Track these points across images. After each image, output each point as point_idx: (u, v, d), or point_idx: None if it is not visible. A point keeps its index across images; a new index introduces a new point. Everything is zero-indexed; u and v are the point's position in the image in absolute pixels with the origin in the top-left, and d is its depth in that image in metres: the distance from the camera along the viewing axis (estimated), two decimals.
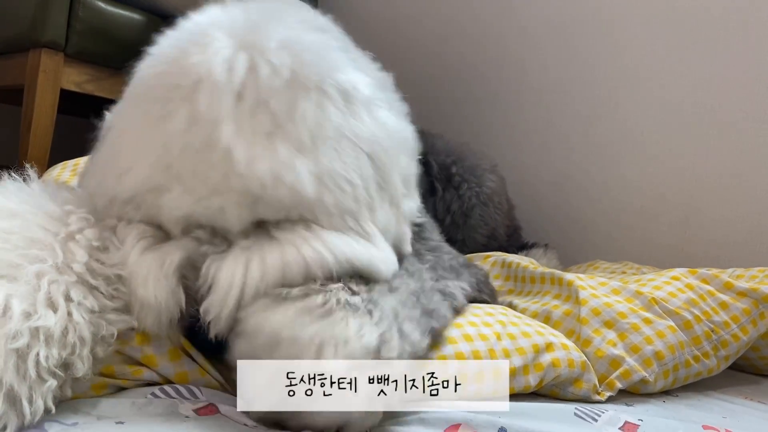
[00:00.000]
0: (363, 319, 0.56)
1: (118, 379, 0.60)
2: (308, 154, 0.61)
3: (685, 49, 1.56)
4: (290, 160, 0.60)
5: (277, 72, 0.62)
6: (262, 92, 0.61)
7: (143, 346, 0.62)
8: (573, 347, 0.81)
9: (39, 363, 0.49)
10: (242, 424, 0.56)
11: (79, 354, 0.53)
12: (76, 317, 0.54)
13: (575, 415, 0.71)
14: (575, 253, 1.65)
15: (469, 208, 1.40)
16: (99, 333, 0.56)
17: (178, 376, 0.62)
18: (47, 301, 0.53)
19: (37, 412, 0.49)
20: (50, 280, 0.54)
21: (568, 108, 1.78)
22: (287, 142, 0.60)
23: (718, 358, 0.89)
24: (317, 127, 0.62)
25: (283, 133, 0.61)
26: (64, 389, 0.53)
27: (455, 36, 2.04)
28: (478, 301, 0.86)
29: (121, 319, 0.59)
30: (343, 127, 0.64)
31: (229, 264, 0.59)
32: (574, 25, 1.77)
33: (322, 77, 0.65)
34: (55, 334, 0.51)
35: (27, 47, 1.46)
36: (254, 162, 0.59)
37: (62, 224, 0.62)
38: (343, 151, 0.64)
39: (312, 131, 0.62)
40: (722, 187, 1.49)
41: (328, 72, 0.66)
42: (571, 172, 1.76)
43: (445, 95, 2.03)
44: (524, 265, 1.10)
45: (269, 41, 0.64)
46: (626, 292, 0.93)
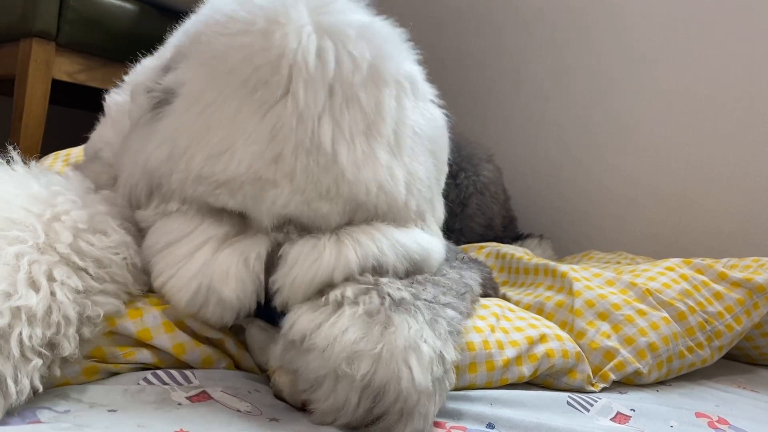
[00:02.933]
0: (417, 317, 0.57)
1: (109, 363, 0.59)
2: (399, 157, 0.61)
3: (680, 40, 1.56)
4: (389, 165, 0.60)
5: (358, 65, 0.61)
6: (350, 86, 0.60)
7: (135, 321, 0.61)
8: (567, 338, 0.81)
9: (23, 342, 0.49)
10: (235, 410, 0.55)
11: (65, 333, 0.53)
12: (60, 297, 0.54)
13: (568, 404, 0.71)
14: (570, 244, 1.66)
15: (467, 197, 1.40)
16: (85, 313, 0.56)
17: (175, 348, 0.62)
18: (28, 280, 0.52)
19: (24, 391, 0.48)
20: (31, 260, 0.54)
21: (563, 99, 1.78)
22: (382, 143, 0.60)
23: (711, 349, 0.90)
24: (399, 124, 0.62)
25: (377, 133, 0.60)
26: (53, 369, 0.53)
27: (451, 25, 2.03)
28: (483, 296, 0.86)
29: (108, 302, 0.59)
30: (417, 123, 0.64)
31: (301, 246, 0.58)
32: (570, 16, 1.77)
33: (398, 69, 0.64)
34: (38, 313, 0.51)
35: (18, 37, 1.45)
36: (360, 168, 0.58)
37: (48, 205, 0.61)
38: (417, 150, 0.64)
39: (396, 129, 0.61)
40: (716, 177, 1.49)
41: (400, 63, 0.65)
42: (566, 163, 1.76)
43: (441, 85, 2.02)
44: (518, 256, 1.10)
45: (348, 28, 0.62)
46: (620, 284, 0.93)
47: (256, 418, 0.55)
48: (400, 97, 0.63)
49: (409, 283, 0.62)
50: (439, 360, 0.55)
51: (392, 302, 0.57)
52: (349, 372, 0.52)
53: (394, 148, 0.61)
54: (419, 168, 0.64)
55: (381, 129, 0.61)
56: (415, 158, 0.63)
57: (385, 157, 0.60)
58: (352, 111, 0.60)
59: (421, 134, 0.65)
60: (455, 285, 0.69)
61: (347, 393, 0.52)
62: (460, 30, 2.01)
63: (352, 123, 0.59)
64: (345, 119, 0.59)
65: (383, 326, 0.55)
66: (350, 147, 0.59)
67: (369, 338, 0.53)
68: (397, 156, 0.61)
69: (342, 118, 0.59)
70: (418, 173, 0.63)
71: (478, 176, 1.43)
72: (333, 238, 0.60)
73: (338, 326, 0.54)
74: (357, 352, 0.53)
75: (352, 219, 0.61)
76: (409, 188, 0.62)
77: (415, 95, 0.66)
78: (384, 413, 0.53)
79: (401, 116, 0.63)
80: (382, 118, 0.61)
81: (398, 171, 0.61)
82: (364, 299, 0.57)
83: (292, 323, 0.56)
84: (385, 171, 0.60)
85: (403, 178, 0.61)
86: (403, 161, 0.62)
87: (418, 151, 0.64)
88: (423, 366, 0.53)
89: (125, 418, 0.51)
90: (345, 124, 0.59)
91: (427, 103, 0.70)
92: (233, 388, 0.59)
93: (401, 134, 0.62)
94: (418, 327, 0.56)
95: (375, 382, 0.52)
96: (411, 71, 0.67)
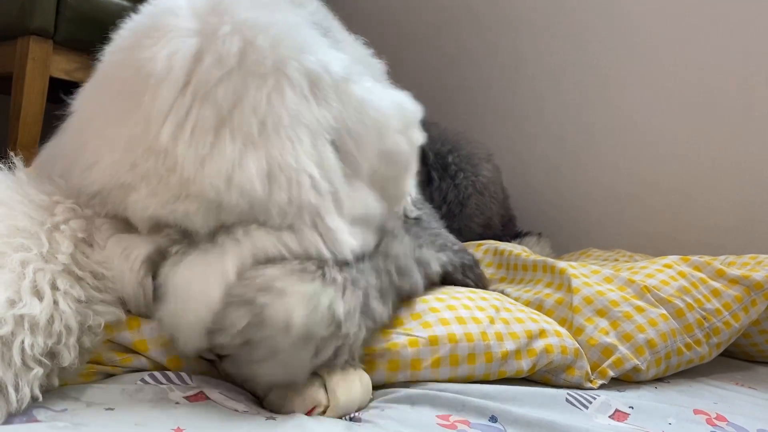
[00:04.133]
0: (338, 293, 0.57)
1: (106, 365, 0.59)
2: (258, 148, 0.59)
3: (678, 37, 1.56)
4: (240, 158, 0.58)
5: (222, 60, 0.60)
6: (206, 83, 0.59)
7: (133, 331, 0.61)
8: (566, 334, 0.81)
9: (24, 351, 0.49)
10: (233, 409, 0.55)
11: (66, 343, 0.53)
12: (63, 306, 0.53)
13: (567, 401, 0.71)
14: (568, 241, 1.66)
15: (466, 197, 1.40)
16: (86, 323, 0.56)
17: (170, 362, 0.62)
18: (32, 289, 0.52)
19: (24, 399, 0.48)
20: (35, 268, 0.54)
21: (561, 97, 1.78)
22: (235, 136, 0.58)
23: (710, 346, 0.90)
24: (269, 116, 0.60)
25: (230, 127, 0.59)
26: (51, 378, 0.53)
27: (449, 24, 2.03)
28: (460, 284, 0.87)
29: (109, 311, 0.59)
30: (302, 114, 0.61)
31: (180, 273, 0.57)
32: (568, 14, 1.77)
33: (284, 61, 0.62)
34: (41, 322, 0.51)
35: (15, 35, 1.44)
36: (204, 164, 0.58)
37: (48, 214, 0.61)
38: (298, 141, 0.60)
39: (263, 121, 0.59)
40: (714, 175, 1.49)
41: (292, 54, 0.63)
42: (564, 160, 1.76)
43: (439, 83, 2.02)
44: (516, 252, 1.10)
45: (224, 25, 0.62)
46: (618, 281, 0.93)
47: (253, 417, 0.55)
48: (281, 89, 0.61)
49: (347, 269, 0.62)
50: (333, 324, 0.56)
51: (323, 273, 0.58)
52: (254, 297, 0.53)
53: (255, 141, 0.59)
54: (295, 157, 0.59)
55: (238, 123, 0.59)
56: (291, 149, 0.60)
57: (235, 150, 0.58)
58: (204, 108, 0.59)
59: (312, 126, 0.62)
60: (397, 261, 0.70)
61: (239, 317, 0.53)
62: (458, 29, 2.01)
63: (201, 120, 0.59)
64: (192, 117, 0.59)
65: (304, 280, 0.56)
66: (191, 145, 0.58)
67: (285, 281, 0.55)
68: (256, 148, 0.59)
69: (189, 117, 0.59)
70: (290, 162, 0.59)
71: (477, 176, 1.43)
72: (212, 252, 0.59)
73: (270, 269, 0.56)
74: (271, 286, 0.54)
75: (226, 220, 0.60)
76: (274, 178, 0.59)
77: (315, 86, 0.63)
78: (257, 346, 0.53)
79: (275, 109, 0.60)
80: (242, 113, 0.59)
81: (252, 163, 0.58)
82: (306, 264, 0.58)
83: None
84: (232, 164, 0.58)
85: (257, 167, 0.58)
86: (267, 152, 0.59)
87: (302, 142, 0.60)
88: (309, 317, 0.53)
89: (123, 416, 0.51)
90: (190, 122, 0.59)
91: (348, 89, 0.66)
92: (230, 390, 0.59)
93: (271, 126, 0.59)
94: (332, 294, 0.56)
95: (264, 312, 0.53)
96: (316, 61, 0.64)
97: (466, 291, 0.82)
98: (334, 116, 0.64)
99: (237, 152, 0.58)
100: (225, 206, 0.58)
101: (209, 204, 0.58)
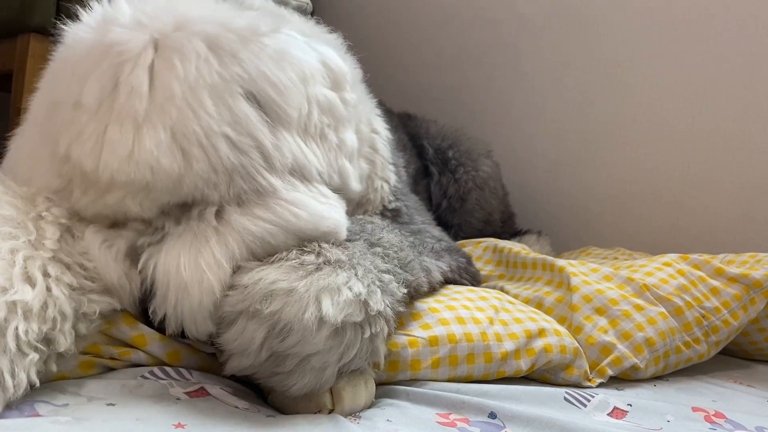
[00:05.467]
0: (349, 272, 0.57)
1: (105, 358, 0.60)
2: (151, 124, 0.58)
3: (678, 36, 1.56)
4: (131, 137, 0.58)
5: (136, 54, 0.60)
6: (129, 75, 0.59)
7: (131, 326, 0.61)
8: (565, 333, 0.81)
9: (18, 337, 0.49)
10: (233, 406, 0.56)
11: (61, 329, 0.53)
12: (56, 292, 0.54)
13: (565, 400, 0.71)
14: (568, 240, 1.66)
15: (466, 192, 1.41)
16: (80, 309, 0.56)
17: (169, 356, 0.62)
18: (23, 276, 0.53)
19: (21, 385, 0.49)
20: (25, 255, 0.54)
21: (561, 95, 1.78)
22: (122, 121, 0.58)
23: (708, 344, 0.90)
24: (157, 92, 0.59)
25: (114, 115, 0.59)
26: (49, 364, 0.53)
27: (449, 21, 2.03)
28: (457, 284, 0.87)
29: (103, 300, 0.59)
30: (202, 78, 0.60)
31: (163, 260, 0.57)
32: (569, 12, 1.77)
33: (187, 35, 0.61)
34: (34, 308, 0.51)
35: (15, 32, 1.44)
36: (99, 156, 0.58)
37: (32, 204, 0.62)
38: (200, 106, 0.59)
39: (149, 99, 0.58)
40: (714, 173, 1.49)
41: (193, 28, 0.62)
42: (564, 159, 1.76)
43: (439, 81, 2.02)
44: (516, 250, 1.10)
45: (162, 12, 0.63)
46: (618, 279, 0.93)
47: (253, 414, 0.55)
48: (167, 62, 0.59)
49: (345, 248, 0.61)
50: (362, 306, 0.55)
51: (326, 260, 0.57)
52: (260, 308, 0.53)
53: (147, 118, 0.58)
54: (212, 125, 0.58)
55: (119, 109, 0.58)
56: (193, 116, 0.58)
57: (125, 132, 0.58)
58: (120, 97, 0.59)
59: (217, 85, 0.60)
60: (398, 253, 0.69)
61: (254, 331, 0.53)
62: (459, 26, 2.01)
63: (124, 109, 0.58)
64: (115, 108, 0.59)
65: (309, 272, 0.55)
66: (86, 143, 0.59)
67: (288, 279, 0.54)
68: (151, 125, 0.58)
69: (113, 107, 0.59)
70: (195, 129, 0.58)
71: (477, 171, 1.43)
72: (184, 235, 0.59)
73: (266, 271, 0.55)
74: (273, 290, 0.53)
75: (165, 201, 0.59)
76: (184, 149, 0.58)
77: (215, 48, 0.61)
78: (285, 357, 0.53)
79: (164, 82, 0.59)
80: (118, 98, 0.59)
81: (149, 139, 0.57)
82: (302, 258, 0.57)
83: None
84: (128, 146, 0.57)
85: (159, 143, 0.57)
86: (167, 126, 0.58)
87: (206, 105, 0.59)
88: (337, 304, 0.53)
89: (124, 411, 0.51)
90: (77, 126, 0.60)
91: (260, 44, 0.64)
92: (231, 387, 0.60)
93: (160, 101, 0.58)
94: (346, 276, 0.56)
95: (282, 319, 0.52)
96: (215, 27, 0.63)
97: (465, 291, 0.82)
98: (246, 69, 0.62)
99: (130, 134, 0.58)
100: (150, 187, 0.58)
101: (130, 187, 0.58)
